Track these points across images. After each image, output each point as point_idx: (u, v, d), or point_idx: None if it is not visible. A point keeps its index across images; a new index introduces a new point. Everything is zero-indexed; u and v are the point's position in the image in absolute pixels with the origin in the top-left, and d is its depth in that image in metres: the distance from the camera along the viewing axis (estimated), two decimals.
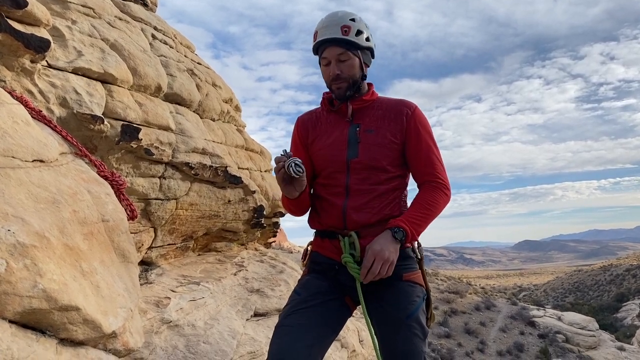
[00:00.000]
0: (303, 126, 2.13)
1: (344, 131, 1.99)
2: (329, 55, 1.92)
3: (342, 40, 1.89)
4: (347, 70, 1.92)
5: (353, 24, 1.90)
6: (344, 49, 1.90)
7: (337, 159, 1.96)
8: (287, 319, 1.80)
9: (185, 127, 3.34)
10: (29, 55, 2.06)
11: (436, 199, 1.91)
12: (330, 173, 1.97)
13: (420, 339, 1.74)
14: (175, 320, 2.68)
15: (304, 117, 2.16)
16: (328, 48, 1.92)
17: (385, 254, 1.73)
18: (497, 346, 26.66)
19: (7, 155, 1.37)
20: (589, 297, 63.06)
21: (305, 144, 2.10)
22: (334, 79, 1.93)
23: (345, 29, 1.88)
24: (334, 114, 2.05)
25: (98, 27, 2.90)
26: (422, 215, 1.87)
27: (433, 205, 1.90)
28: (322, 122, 2.08)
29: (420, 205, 1.90)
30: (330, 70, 1.93)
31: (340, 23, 1.89)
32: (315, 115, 2.13)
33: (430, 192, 1.93)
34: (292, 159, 1.74)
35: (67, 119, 2.32)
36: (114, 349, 1.45)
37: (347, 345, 3.79)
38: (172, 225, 3.50)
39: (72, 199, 1.51)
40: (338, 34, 1.89)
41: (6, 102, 1.58)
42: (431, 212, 1.89)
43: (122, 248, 1.72)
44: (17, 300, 1.10)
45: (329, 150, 1.99)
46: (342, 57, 1.91)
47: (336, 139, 1.99)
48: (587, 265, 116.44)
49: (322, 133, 2.05)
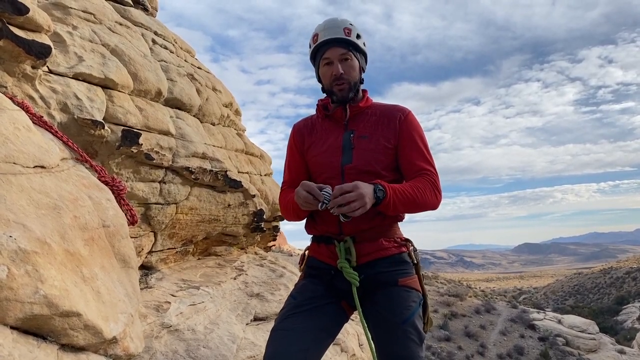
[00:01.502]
0: (299, 133, 2.15)
1: (338, 137, 2.01)
2: (331, 55, 1.94)
3: (345, 40, 1.93)
4: (349, 71, 1.94)
5: (352, 28, 1.95)
6: (346, 49, 1.93)
7: (332, 164, 1.97)
8: (283, 322, 1.80)
9: (185, 132, 3.35)
10: (30, 61, 2.07)
11: (425, 190, 1.86)
12: (326, 179, 1.98)
13: (417, 344, 1.73)
14: (175, 325, 2.68)
15: (300, 124, 2.18)
16: (331, 48, 1.93)
17: (365, 196, 1.68)
18: (497, 349, 26.61)
19: (8, 162, 1.37)
20: (589, 300, 62.97)
21: (302, 150, 2.12)
22: (337, 78, 1.93)
23: (347, 31, 1.93)
24: (328, 120, 2.08)
25: (99, 32, 2.92)
26: (407, 193, 1.81)
27: (420, 192, 1.84)
28: (317, 129, 2.10)
29: (409, 186, 1.85)
30: (332, 69, 1.94)
31: (341, 25, 1.93)
32: (311, 121, 2.15)
33: (420, 181, 1.89)
34: (326, 191, 1.74)
35: (67, 124, 2.32)
36: (115, 355, 1.45)
37: (347, 349, 3.79)
38: (172, 230, 3.50)
39: (73, 204, 1.51)
40: (341, 34, 1.92)
41: (7, 108, 1.59)
42: (416, 196, 1.83)
43: (122, 253, 1.73)
44: (18, 306, 1.10)
45: (324, 157, 2.01)
46: (344, 57, 1.94)
47: (331, 145, 2.01)
48: (587, 268, 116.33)
49: (318, 139, 2.07)
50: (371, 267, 1.87)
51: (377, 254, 1.90)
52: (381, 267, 1.88)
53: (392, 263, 1.90)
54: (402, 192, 1.81)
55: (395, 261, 1.91)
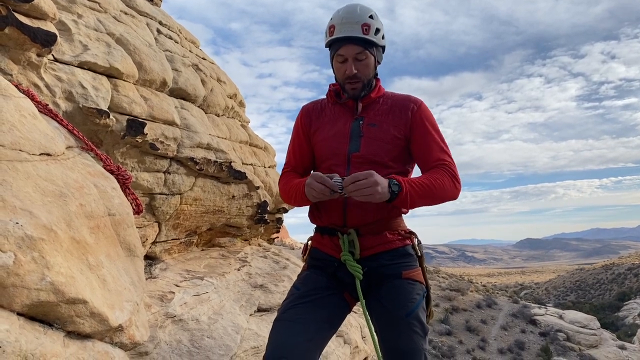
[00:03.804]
0: (307, 115, 2.10)
1: (347, 124, 1.96)
2: (346, 53, 1.87)
3: (362, 39, 1.84)
4: (363, 70, 1.89)
5: (372, 22, 1.85)
6: (362, 48, 1.86)
7: (339, 151, 1.93)
8: (285, 313, 1.80)
9: (190, 122, 3.34)
10: (36, 49, 2.06)
11: (443, 180, 1.81)
12: (331, 165, 1.95)
13: (421, 336, 1.72)
14: (180, 315, 2.69)
15: (309, 107, 2.13)
16: (346, 45, 1.86)
17: (378, 185, 1.63)
18: (498, 344, 26.69)
19: (14, 149, 1.37)
20: (591, 295, 63.00)
21: (308, 133, 2.07)
22: (350, 77, 1.89)
23: (366, 27, 1.83)
24: (339, 105, 2.03)
25: (104, 21, 2.90)
26: (424, 185, 1.77)
27: (438, 184, 1.79)
28: (326, 113, 2.05)
29: (425, 178, 1.81)
30: (346, 68, 1.88)
31: (360, 21, 1.83)
32: (320, 105, 2.10)
33: (437, 172, 1.84)
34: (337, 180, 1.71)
35: (73, 113, 2.32)
36: (120, 342, 1.45)
37: (350, 341, 3.80)
38: (176, 220, 3.50)
39: (78, 192, 1.51)
40: (359, 33, 1.83)
41: (13, 96, 1.58)
42: (435, 187, 1.78)
43: (128, 242, 1.73)
44: (25, 292, 1.10)
45: (331, 142, 1.97)
46: (359, 57, 1.87)
47: (339, 131, 1.97)
48: (589, 263, 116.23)
49: (326, 124, 2.02)
50: (375, 260, 1.86)
51: (381, 247, 1.88)
52: (385, 260, 1.87)
53: (396, 256, 1.89)
54: (420, 185, 1.76)
55: (399, 254, 1.90)
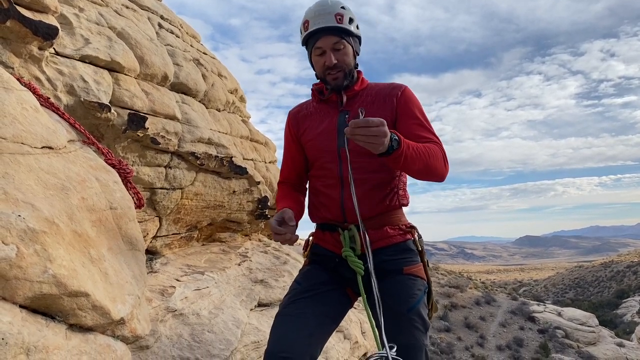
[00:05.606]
0: (294, 119, 2.12)
1: (333, 119, 1.96)
2: (323, 44, 1.88)
3: (337, 28, 1.85)
4: (342, 59, 1.89)
5: (345, 12, 1.86)
6: (339, 38, 1.87)
7: (328, 148, 1.94)
8: (287, 308, 1.80)
9: (191, 117, 3.33)
10: (37, 42, 2.05)
11: (436, 153, 1.77)
12: (323, 163, 1.95)
13: (422, 332, 1.73)
14: (180, 309, 2.69)
15: (294, 111, 2.15)
16: (322, 37, 1.87)
17: (386, 137, 1.51)
18: (496, 341, 26.76)
19: (16, 142, 1.37)
20: (589, 293, 63.10)
21: (297, 136, 2.09)
22: (330, 68, 1.89)
23: (339, 17, 1.85)
24: (324, 103, 2.04)
25: (105, 15, 2.89)
26: (420, 150, 1.70)
27: (433, 154, 1.75)
28: (312, 113, 2.06)
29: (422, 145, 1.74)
30: (325, 59, 1.89)
31: (333, 11, 1.85)
32: (306, 106, 2.12)
33: (430, 145, 1.79)
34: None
35: (74, 106, 2.31)
36: (122, 336, 1.46)
37: (350, 336, 3.81)
38: (177, 215, 3.50)
39: (80, 186, 1.51)
40: (333, 22, 1.84)
41: (15, 89, 1.58)
42: (429, 156, 1.73)
43: (129, 236, 1.73)
44: (27, 285, 1.10)
45: (319, 140, 1.98)
46: (337, 46, 1.88)
47: (325, 127, 1.97)
48: (588, 261, 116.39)
49: (313, 123, 2.03)
50: (376, 255, 1.84)
51: (382, 242, 1.89)
52: (386, 255, 1.87)
53: (397, 251, 1.90)
54: (416, 149, 1.68)
55: (400, 249, 1.90)
